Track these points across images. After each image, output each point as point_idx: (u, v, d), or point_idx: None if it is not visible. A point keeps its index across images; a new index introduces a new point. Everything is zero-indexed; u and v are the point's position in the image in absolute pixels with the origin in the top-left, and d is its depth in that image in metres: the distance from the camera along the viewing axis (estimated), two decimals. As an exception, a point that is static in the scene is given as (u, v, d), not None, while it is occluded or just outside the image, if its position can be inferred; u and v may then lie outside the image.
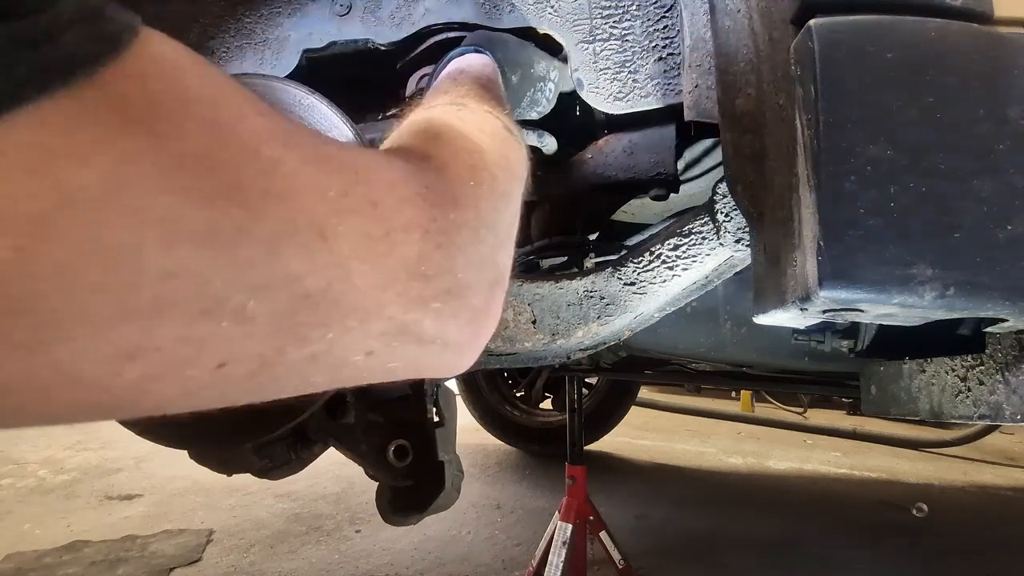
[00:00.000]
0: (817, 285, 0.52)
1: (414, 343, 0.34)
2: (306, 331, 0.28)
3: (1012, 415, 0.69)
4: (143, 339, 0.23)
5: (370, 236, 0.30)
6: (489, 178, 0.42)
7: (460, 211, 0.37)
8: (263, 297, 0.26)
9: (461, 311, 0.36)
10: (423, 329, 0.34)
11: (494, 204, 0.41)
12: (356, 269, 0.29)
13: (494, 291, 0.40)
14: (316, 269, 0.27)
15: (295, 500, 3.00)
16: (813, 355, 1.53)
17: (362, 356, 0.32)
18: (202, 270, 0.23)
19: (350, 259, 0.29)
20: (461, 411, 2.19)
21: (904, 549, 2.48)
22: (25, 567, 2.28)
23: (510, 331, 0.83)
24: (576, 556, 2.04)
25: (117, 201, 0.21)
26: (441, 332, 0.35)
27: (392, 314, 0.32)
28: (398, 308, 0.32)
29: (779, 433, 4.58)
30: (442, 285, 0.34)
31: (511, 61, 0.84)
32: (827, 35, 0.53)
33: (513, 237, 0.46)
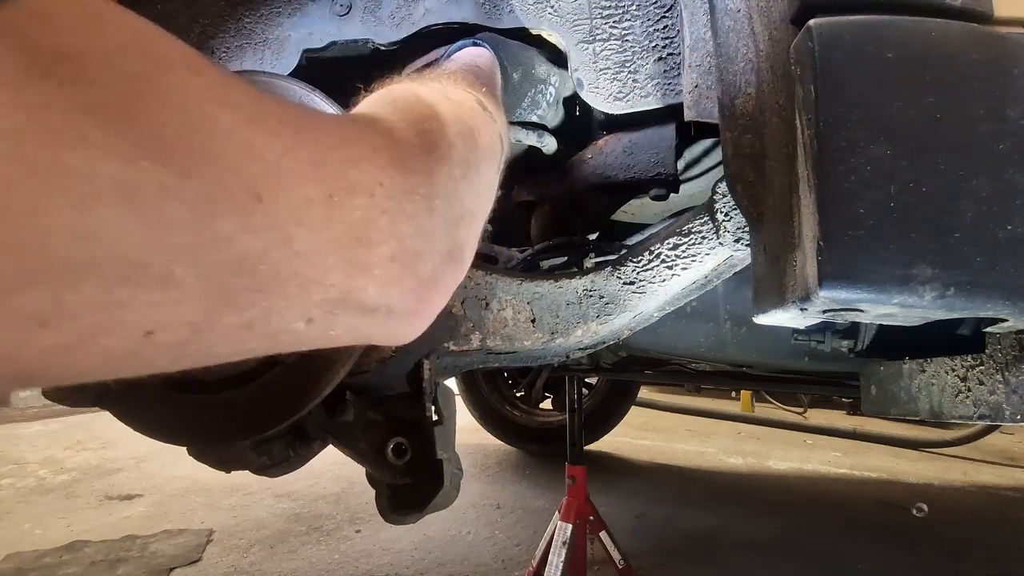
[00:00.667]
0: (817, 285, 0.52)
1: (356, 310, 0.33)
2: (241, 297, 0.27)
3: (1012, 415, 0.69)
4: (53, 305, 0.21)
5: (310, 199, 0.28)
6: (446, 146, 0.40)
7: (410, 176, 0.35)
8: (191, 261, 0.24)
9: (406, 279, 0.35)
10: (366, 296, 0.33)
11: (450, 172, 0.39)
12: (295, 233, 0.28)
13: (445, 263, 0.39)
14: (251, 232, 0.26)
15: (295, 500, 3.00)
16: (813, 355, 1.53)
17: (302, 324, 0.31)
18: (119, 231, 0.22)
19: (288, 222, 0.27)
20: (461, 411, 2.19)
21: (904, 549, 2.48)
22: (25, 567, 2.28)
23: (509, 330, 0.83)
24: (576, 556, 2.04)
25: (19, 153, 0.19)
26: (384, 299, 0.34)
27: (333, 280, 0.30)
28: (340, 274, 0.31)
29: (779, 433, 4.58)
30: (386, 252, 0.33)
31: (513, 59, 0.84)
32: (827, 35, 0.53)
33: (479, 212, 0.44)
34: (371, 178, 0.32)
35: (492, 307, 0.83)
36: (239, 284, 0.26)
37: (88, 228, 0.21)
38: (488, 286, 0.83)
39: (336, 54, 0.97)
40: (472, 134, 0.44)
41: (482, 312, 0.83)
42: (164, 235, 0.23)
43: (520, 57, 0.86)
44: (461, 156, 0.41)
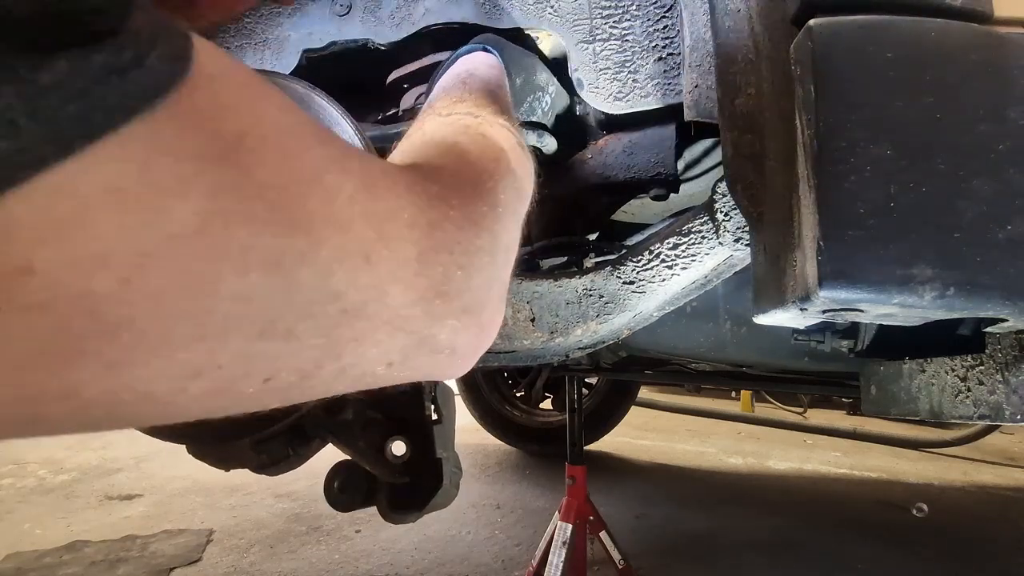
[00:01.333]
0: (817, 285, 0.52)
1: (428, 353, 0.36)
2: (341, 346, 0.30)
3: (1012, 415, 0.69)
4: (209, 358, 0.24)
5: (407, 259, 0.32)
6: (506, 201, 0.44)
7: (481, 234, 0.39)
8: (310, 316, 0.27)
9: (472, 326, 0.38)
10: (438, 342, 0.36)
11: (507, 226, 0.43)
12: (390, 289, 0.31)
13: (499, 307, 0.43)
14: (358, 289, 0.29)
15: (295, 500, 3.00)
16: (813, 355, 1.53)
17: (383, 367, 0.34)
18: (267, 294, 0.25)
19: (387, 280, 0.31)
20: (461, 411, 2.19)
21: (904, 549, 2.48)
22: (25, 567, 2.28)
23: (509, 329, 0.83)
24: (576, 556, 2.04)
25: (208, 233, 0.22)
26: (451, 343, 0.37)
27: (415, 328, 0.34)
28: (421, 323, 0.34)
29: (779, 433, 4.58)
30: (460, 303, 0.36)
31: (516, 64, 0.84)
32: (827, 35, 0.53)
33: (516, 250, 0.48)
34: (451, 237, 0.36)
35: (492, 307, 0.83)
36: (342, 335, 0.29)
37: (244, 292, 0.24)
38: (488, 286, 0.83)
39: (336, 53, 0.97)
40: (522, 186, 0.49)
41: (482, 312, 0.83)
42: (295, 295, 0.26)
43: (523, 63, 0.86)
44: (514, 208, 0.46)
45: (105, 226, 0.20)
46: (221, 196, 0.23)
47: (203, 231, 0.22)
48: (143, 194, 0.21)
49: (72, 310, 0.20)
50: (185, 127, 0.22)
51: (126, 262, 0.21)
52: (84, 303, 0.20)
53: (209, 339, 0.24)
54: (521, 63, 0.86)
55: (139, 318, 0.22)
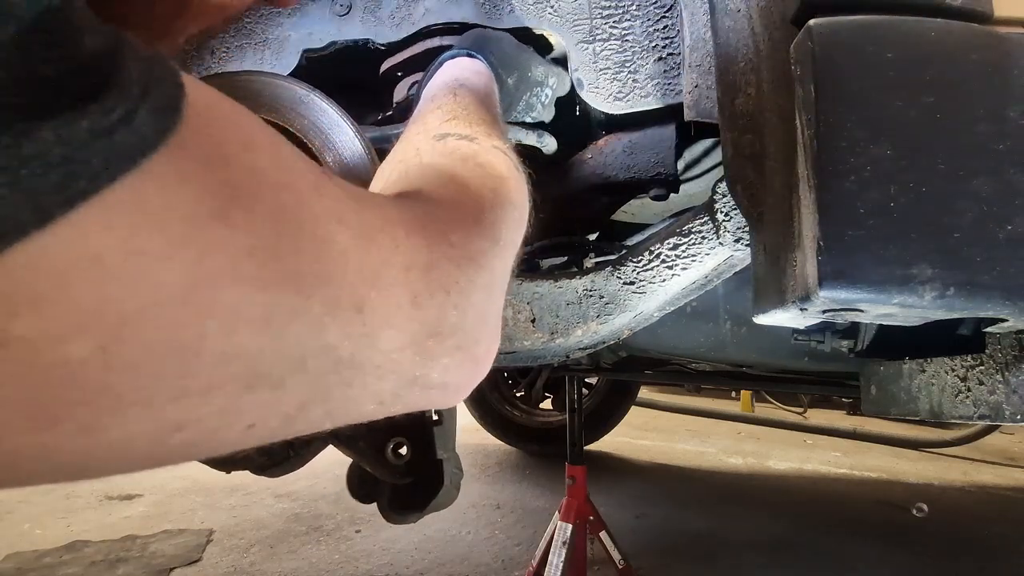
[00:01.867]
0: (817, 285, 0.52)
1: (420, 391, 0.35)
2: (329, 391, 0.29)
3: (1012, 415, 0.69)
4: (190, 414, 0.24)
5: (400, 304, 0.31)
6: (506, 234, 0.42)
7: (481, 272, 0.37)
8: (300, 368, 0.26)
9: (466, 362, 0.38)
10: (430, 379, 0.35)
11: (506, 259, 0.42)
12: (382, 335, 0.30)
13: (494, 339, 0.41)
14: (349, 339, 0.28)
15: (295, 500, 3.00)
16: (813, 355, 1.53)
17: (373, 406, 0.33)
18: (254, 351, 0.24)
19: (379, 327, 0.30)
20: (461, 411, 2.19)
21: (904, 549, 2.48)
22: (25, 567, 2.28)
23: (509, 330, 0.83)
24: (576, 556, 2.04)
25: (194, 296, 0.22)
26: (444, 380, 0.36)
27: (406, 370, 0.33)
28: (412, 365, 0.33)
29: (779, 433, 4.58)
30: (454, 342, 0.35)
31: (507, 63, 0.83)
32: (827, 35, 0.53)
33: (510, 275, 0.46)
34: (449, 277, 0.35)
35: (492, 307, 0.83)
36: (330, 382, 0.29)
37: (233, 350, 0.23)
38: (488, 286, 0.83)
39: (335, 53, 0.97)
40: (519, 216, 0.47)
41: (482, 312, 0.83)
42: (286, 349, 0.25)
43: (517, 60, 0.85)
44: (513, 240, 0.44)
45: (84, 296, 0.19)
46: (208, 258, 0.22)
47: (189, 295, 0.21)
48: (125, 262, 0.20)
49: (47, 379, 0.20)
50: (172, 186, 0.21)
51: (105, 331, 0.20)
52: (60, 371, 0.20)
53: (193, 396, 0.23)
54: (515, 61, 0.85)
55: (117, 383, 0.21)
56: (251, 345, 0.24)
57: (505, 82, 0.83)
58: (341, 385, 0.29)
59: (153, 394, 0.22)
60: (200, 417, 0.24)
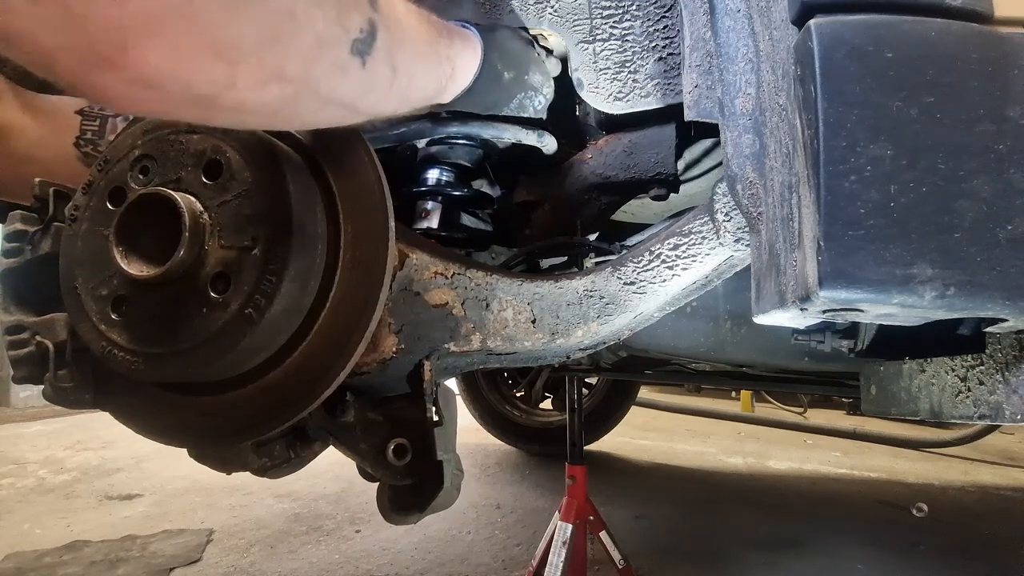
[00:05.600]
0: (817, 285, 0.52)
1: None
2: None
3: (1012, 415, 0.69)
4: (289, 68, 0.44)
5: None
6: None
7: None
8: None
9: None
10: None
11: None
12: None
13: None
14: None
15: (295, 500, 3.00)
16: (813, 355, 1.53)
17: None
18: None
19: None
20: (461, 411, 2.19)
21: (904, 549, 2.48)
22: (25, 567, 2.28)
23: (510, 330, 0.83)
24: (576, 556, 2.04)
25: None
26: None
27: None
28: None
29: (779, 433, 4.59)
30: None
31: (509, 59, 0.84)
32: (827, 35, 0.53)
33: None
34: None
35: (492, 308, 0.83)
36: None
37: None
38: (488, 287, 0.83)
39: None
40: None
41: (482, 313, 0.83)
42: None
43: (520, 59, 0.86)
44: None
45: None
46: None
47: None
48: None
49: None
50: None
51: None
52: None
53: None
54: (517, 59, 0.86)
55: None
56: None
57: (501, 75, 0.84)
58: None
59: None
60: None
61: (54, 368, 0.72)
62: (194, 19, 0.37)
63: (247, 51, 0.41)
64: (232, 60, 0.40)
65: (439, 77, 0.74)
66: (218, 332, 0.63)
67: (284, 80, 0.46)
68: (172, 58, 0.37)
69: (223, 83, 0.41)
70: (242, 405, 0.71)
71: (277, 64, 0.44)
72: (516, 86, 0.86)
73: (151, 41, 0.36)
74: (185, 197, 0.64)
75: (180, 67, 0.38)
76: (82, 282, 0.69)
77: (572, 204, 1.04)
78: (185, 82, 0.39)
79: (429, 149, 0.97)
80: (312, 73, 0.48)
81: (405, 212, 0.98)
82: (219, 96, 0.42)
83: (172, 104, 0.42)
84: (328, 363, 0.70)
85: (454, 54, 0.75)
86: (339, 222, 0.72)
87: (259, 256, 0.63)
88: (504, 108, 0.88)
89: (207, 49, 0.39)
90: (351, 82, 0.54)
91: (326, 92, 0.52)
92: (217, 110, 0.45)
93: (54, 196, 0.76)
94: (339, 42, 0.49)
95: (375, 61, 0.54)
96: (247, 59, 0.41)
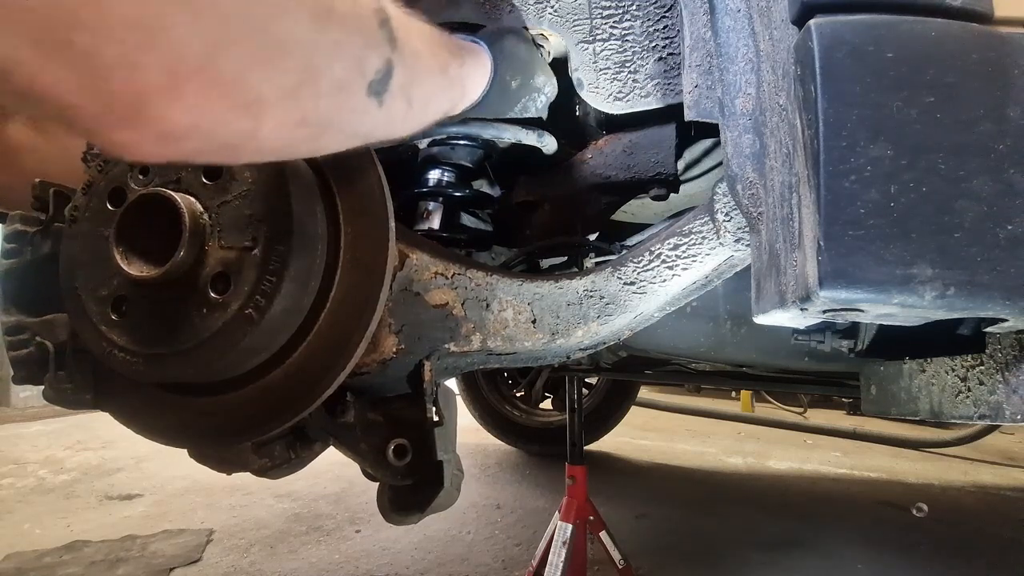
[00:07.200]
0: (817, 285, 0.52)
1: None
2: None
3: (1012, 415, 0.69)
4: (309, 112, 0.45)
5: None
6: None
7: None
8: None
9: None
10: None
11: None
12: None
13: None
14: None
15: (295, 500, 3.00)
16: (813, 355, 1.53)
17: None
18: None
19: None
20: (461, 411, 2.19)
21: (904, 549, 2.48)
22: (25, 567, 2.28)
23: (510, 331, 0.83)
24: (576, 556, 2.04)
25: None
26: None
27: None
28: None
29: (779, 433, 4.58)
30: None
31: (515, 67, 0.85)
32: (827, 35, 0.53)
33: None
34: None
35: (493, 308, 0.83)
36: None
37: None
38: (488, 287, 0.83)
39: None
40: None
41: (483, 313, 0.83)
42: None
43: (526, 66, 0.86)
44: None
45: None
46: None
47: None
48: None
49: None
50: None
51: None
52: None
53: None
54: (525, 65, 0.86)
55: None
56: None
57: (509, 84, 0.84)
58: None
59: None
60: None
61: (54, 368, 0.72)
62: (217, 78, 0.37)
63: (269, 104, 0.41)
64: (255, 113, 0.41)
65: (452, 99, 0.75)
66: (218, 332, 0.63)
67: (306, 125, 0.46)
68: (194, 116, 0.37)
69: (246, 134, 0.42)
70: (242, 405, 0.71)
71: (299, 113, 0.45)
72: (522, 91, 0.87)
73: (171, 103, 0.36)
74: (185, 197, 0.64)
75: (202, 123, 0.38)
76: (82, 282, 0.69)
77: (572, 204, 1.04)
78: (208, 136, 0.40)
79: (430, 150, 0.97)
80: (332, 117, 0.49)
81: (406, 213, 0.98)
82: (241, 145, 0.43)
83: (195, 155, 0.42)
84: (328, 363, 0.70)
85: (465, 74, 0.77)
86: (339, 222, 0.72)
87: (259, 256, 0.63)
88: (509, 112, 0.88)
89: (230, 105, 0.39)
90: (369, 121, 0.55)
91: (346, 130, 0.54)
92: (241, 155, 0.46)
93: (54, 197, 0.76)
94: (357, 86, 0.50)
95: (391, 98, 0.55)
96: (270, 111, 0.42)
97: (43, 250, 0.76)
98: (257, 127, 0.42)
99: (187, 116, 0.37)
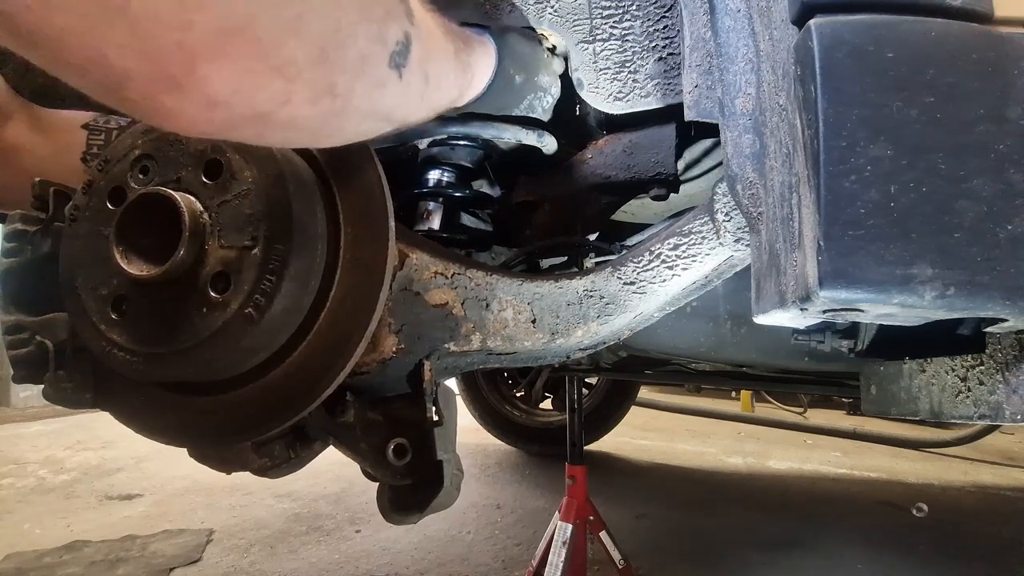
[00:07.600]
0: (817, 285, 0.52)
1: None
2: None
3: (1012, 415, 0.69)
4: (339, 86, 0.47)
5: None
6: None
7: None
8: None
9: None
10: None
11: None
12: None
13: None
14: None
15: (295, 500, 3.00)
16: (813, 355, 1.53)
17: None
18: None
19: None
20: (461, 411, 2.19)
21: (904, 549, 2.48)
22: (25, 567, 2.28)
23: (510, 330, 0.83)
24: (576, 556, 2.04)
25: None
26: None
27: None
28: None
29: (779, 433, 4.59)
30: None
31: (520, 64, 0.85)
32: (827, 35, 0.53)
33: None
34: None
35: (492, 308, 0.83)
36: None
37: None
38: (488, 287, 0.83)
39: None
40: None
41: (482, 313, 0.83)
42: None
43: (530, 62, 0.86)
44: None
45: None
46: None
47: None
48: None
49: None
50: None
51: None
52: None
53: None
54: (529, 62, 0.86)
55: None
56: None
57: (513, 79, 0.84)
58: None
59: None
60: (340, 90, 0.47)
61: (54, 368, 0.72)
62: (256, 39, 0.39)
63: (301, 67, 0.43)
64: (289, 76, 0.43)
65: (461, 84, 0.77)
66: (218, 332, 0.63)
67: (333, 95, 0.48)
68: (236, 77, 0.40)
69: (280, 99, 0.44)
70: (242, 405, 0.71)
71: (327, 80, 0.47)
72: (527, 88, 0.87)
73: (217, 62, 0.38)
74: (185, 197, 0.64)
75: (243, 85, 0.40)
76: (82, 282, 0.69)
77: (572, 204, 1.04)
78: (247, 99, 0.42)
79: (430, 150, 0.97)
80: (356, 88, 0.51)
81: (406, 213, 0.98)
82: (275, 112, 0.44)
83: (232, 123, 0.43)
84: (328, 363, 0.70)
85: (473, 61, 0.78)
86: (339, 222, 0.72)
87: (259, 256, 0.64)
88: (514, 109, 0.88)
89: (267, 67, 0.41)
90: (390, 94, 0.56)
91: (368, 106, 0.55)
92: (272, 127, 0.47)
93: (54, 196, 0.76)
94: (379, 56, 0.52)
95: (410, 72, 0.56)
96: (302, 75, 0.44)
97: (43, 249, 0.76)
98: (289, 92, 0.43)
99: (229, 77, 0.39)
